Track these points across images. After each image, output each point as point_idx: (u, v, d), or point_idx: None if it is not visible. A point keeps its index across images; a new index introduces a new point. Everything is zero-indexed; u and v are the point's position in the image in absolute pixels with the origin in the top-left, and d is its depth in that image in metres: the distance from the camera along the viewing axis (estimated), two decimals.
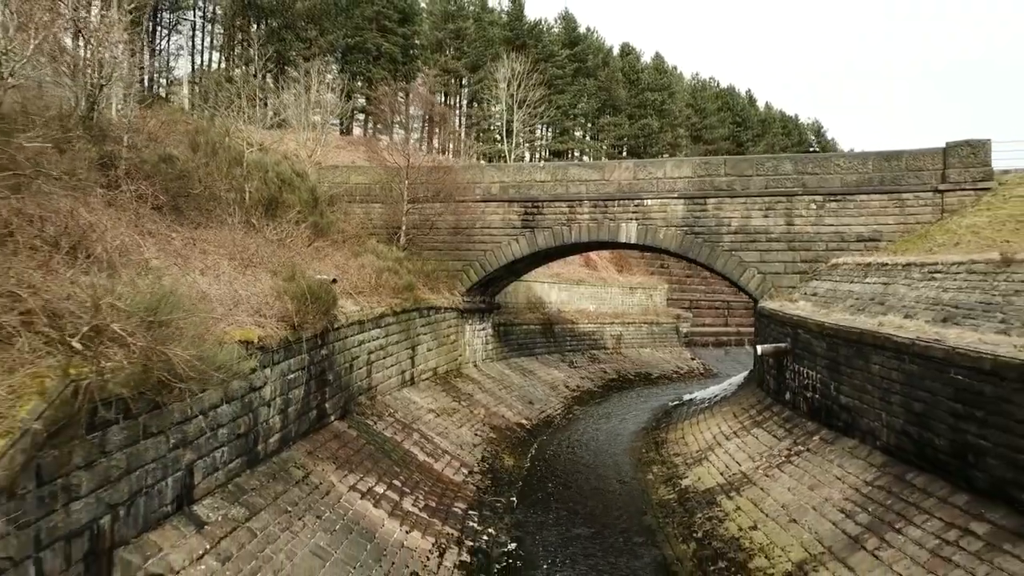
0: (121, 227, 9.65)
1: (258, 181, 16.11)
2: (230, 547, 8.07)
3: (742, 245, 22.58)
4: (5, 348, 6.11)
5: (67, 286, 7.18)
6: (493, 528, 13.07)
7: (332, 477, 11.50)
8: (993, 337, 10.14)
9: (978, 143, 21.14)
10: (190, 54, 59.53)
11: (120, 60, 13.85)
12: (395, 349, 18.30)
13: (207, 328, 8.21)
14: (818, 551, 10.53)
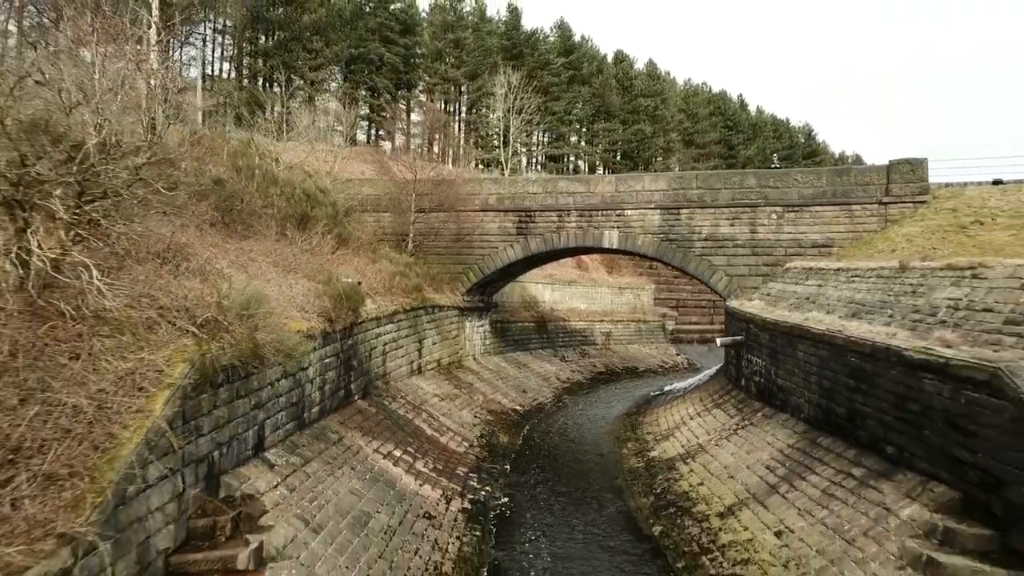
0: (201, 243, 12.47)
1: (289, 198, 18.90)
2: (293, 482, 10.90)
3: (711, 250, 25.41)
4: (153, 332, 8.93)
5: (183, 289, 10.02)
6: (489, 487, 15.90)
7: (360, 441, 14.32)
8: (880, 328, 12.98)
9: (916, 161, 24.00)
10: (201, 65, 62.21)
11: (179, 98, 16.64)
12: (405, 342, 21.13)
13: (276, 321, 11.04)
14: (744, 497, 13.37)
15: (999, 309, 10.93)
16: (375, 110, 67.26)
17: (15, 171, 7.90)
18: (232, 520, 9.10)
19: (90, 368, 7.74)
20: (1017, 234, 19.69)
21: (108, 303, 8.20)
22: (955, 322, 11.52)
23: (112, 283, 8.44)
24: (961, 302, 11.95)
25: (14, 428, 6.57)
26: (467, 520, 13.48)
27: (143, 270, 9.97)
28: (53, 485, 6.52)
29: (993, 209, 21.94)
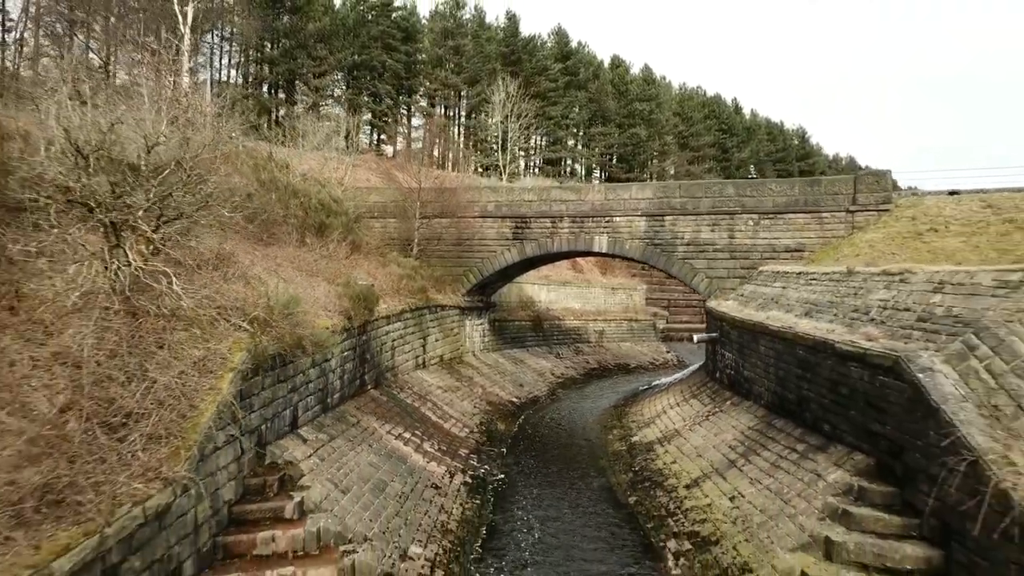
0: (241, 251, 14.54)
1: (307, 208, 20.95)
2: (323, 453, 12.97)
3: (693, 254, 27.48)
4: (214, 327, 10.99)
5: (232, 292, 12.08)
6: (488, 465, 17.98)
7: (374, 424, 16.39)
8: (824, 325, 15.06)
9: (880, 173, 26.09)
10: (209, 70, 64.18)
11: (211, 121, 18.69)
12: (411, 338, 23.20)
13: (308, 318, 13.12)
14: (708, 471, 15.45)
15: (914, 309, 13.03)
16: (377, 115, 69.31)
17: (111, 199, 9.97)
18: (279, 480, 11.17)
19: (173, 355, 9.82)
20: (967, 240, 21.77)
21: (184, 303, 10.28)
22: (881, 319, 13.61)
23: (186, 287, 10.52)
24: (889, 303, 14.05)
25: (126, 400, 8.64)
26: (468, 491, 15.56)
27: (202, 276, 12.05)
28: (155, 442, 8.58)
29: (947, 217, 24.01)
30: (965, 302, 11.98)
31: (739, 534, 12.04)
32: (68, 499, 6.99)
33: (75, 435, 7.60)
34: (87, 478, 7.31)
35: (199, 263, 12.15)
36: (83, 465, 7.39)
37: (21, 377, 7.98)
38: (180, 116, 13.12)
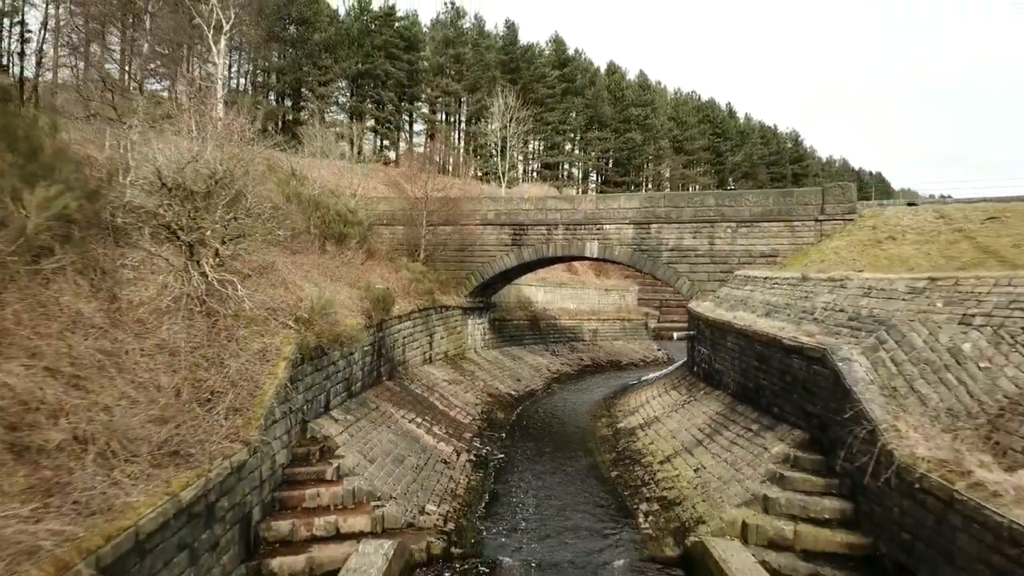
0: (278, 261, 17.03)
1: (326, 219, 23.41)
2: (351, 431, 15.45)
3: (677, 259, 29.96)
4: (267, 325, 13.46)
5: (277, 295, 14.56)
6: (489, 447, 20.47)
7: (391, 409, 18.88)
8: (778, 323, 17.56)
9: (846, 185, 28.60)
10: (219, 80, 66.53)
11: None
12: (419, 336, 25.68)
13: (340, 318, 15.61)
14: (679, 449, 17.95)
15: (847, 310, 15.54)
16: (380, 122, 71.76)
17: (189, 222, 12.46)
18: (319, 450, 13.67)
19: (240, 347, 12.30)
20: (920, 248, 24.29)
21: (246, 305, 12.77)
22: (822, 319, 16.12)
23: (246, 292, 13.00)
24: (830, 304, 16.56)
25: (211, 381, 11.12)
26: (473, 466, 18.04)
27: (254, 282, 14.53)
28: (234, 413, 11.06)
29: (904, 227, 26.51)
30: (883, 304, 14.51)
31: (698, 496, 14.54)
32: (182, 451, 9.47)
33: (182, 405, 10.09)
34: (193, 437, 9.80)
35: (251, 272, 14.63)
36: (189, 428, 9.87)
37: (134, 363, 10.46)
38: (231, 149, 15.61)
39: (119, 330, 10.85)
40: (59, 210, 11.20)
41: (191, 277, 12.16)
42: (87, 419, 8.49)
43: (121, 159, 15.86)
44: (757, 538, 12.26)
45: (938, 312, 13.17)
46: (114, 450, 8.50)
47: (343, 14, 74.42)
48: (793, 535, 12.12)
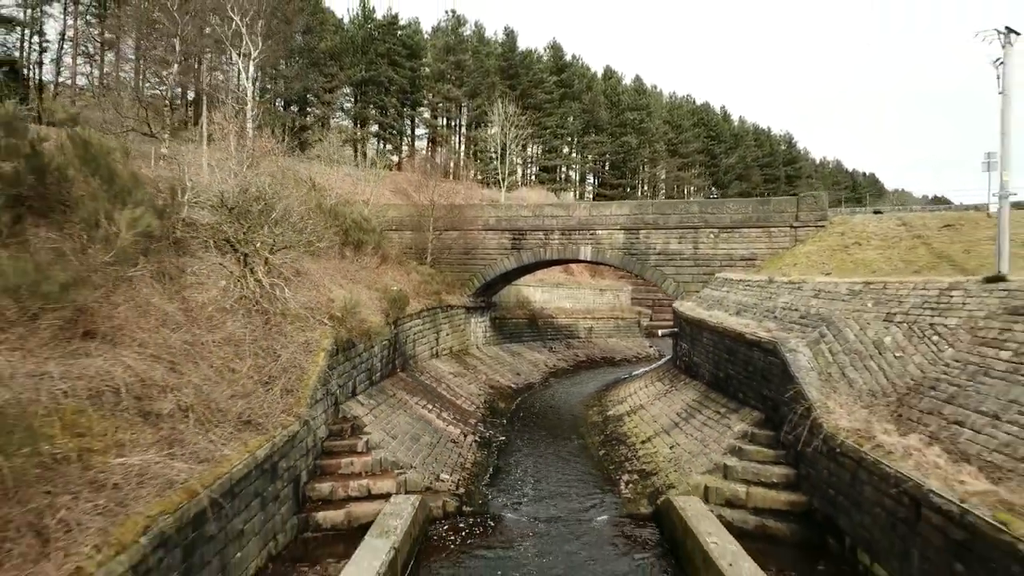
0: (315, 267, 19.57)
1: (344, 228, 25.90)
2: (374, 412, 17.99)
3: (663, 262, 32.49)
4: (307, 322, 15.99)
5: (313, 297, 17.10)
6: (492, 431, 23.01)
7: (405, 396, 21.41)
8: (744, 321, 20.10)
9: (819, 195, 31.14)
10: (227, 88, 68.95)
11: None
12: (427, 333, 28.20)
13: (365, 316, 18.15)
14: (659, 431, 20.49)
15: (800, 309, 18.10)
16: (384, 127, 74.23)
17: (244, 237, 14.98)
18: (350, 427, 16.21)
19: (288, 340, 14.83)
20: (882, 253, 26.86)
21: (291, 305, 15.31)
22: (780, 317, 18.68)
23: (290, 295, 15.53)
24: (788, 304, 19.11)
25: (268, 368, 13.65)
26: (478, 446, 20.59)
27: (294, 285, 17.06)
28: (287, 394, 13.59)
29: (869, 233, 29.07)
30: (828, 304, 17.07)
31: (671, 468, 17.10)
32: (254, 421, 12.01)
33: (251, 386, 12.64)
34: (260, 411, 12.34)
35: (291, 276, 17.16)
36: (257, 403, 12.42)
37: (210, 352, 12.99)
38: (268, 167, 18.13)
39: (195, 326, 13.38)
40: (143, 228, 13.74)
41: (248, 282, 14.68)
42: (185, 394, 11.04)
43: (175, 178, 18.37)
44: (716, 498, 14.82)
45: (868, 311, 15.74)
46: (207, 417, 11.05)
47: (347, 21, 77.01)
48: (746, 495, 14.68)
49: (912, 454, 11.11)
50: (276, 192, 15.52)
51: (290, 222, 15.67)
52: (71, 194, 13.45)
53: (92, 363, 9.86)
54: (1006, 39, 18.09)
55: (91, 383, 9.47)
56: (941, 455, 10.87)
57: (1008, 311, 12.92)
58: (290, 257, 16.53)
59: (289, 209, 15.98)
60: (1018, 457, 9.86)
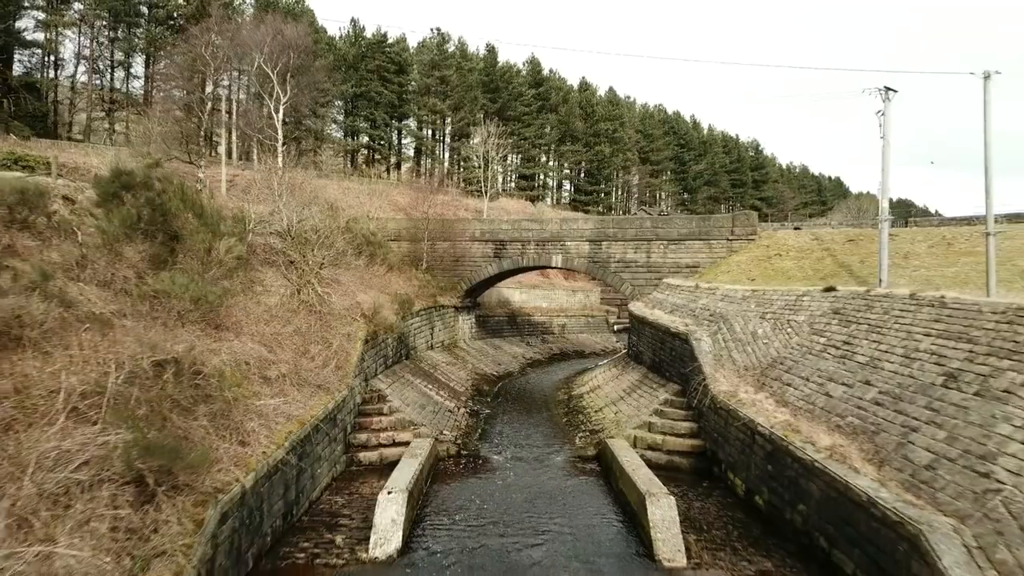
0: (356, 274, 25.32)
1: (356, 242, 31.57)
2: (392, 388, 23.82)
3: (622, 269, 38.57)
4: (343, 318, 21.76)
5: (347, 300, 22.88)
6: (479, 406, 28.89)
7: (411, 378, 27.23)
8: (674, 318, 26.18)
9: (750, 213, 37.44)
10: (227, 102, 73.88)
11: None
12: (424, 329, 33.98)
13: (386, 314, 23.99)
14: (608, 403, 26.52)
15: (711, 308, 24.22)
16: (373, 139, 79.64)
17: (301, 255, 20.72)
18: (377, 396, 22.02)
19: (335, 333, 20.59)
20: (797, 262, 33.13)
21: (335, 307, 21.08)
22: (697, 315, 24.79)
23: (336, 300, 21.30)
24: (704, 305, 25.23)
25: (322, 352, 19.41)
26: (469, 415, 26.48)
27: (332, 291, 22.81)
28: (338, 369, 19.36)
29: (789, 246, 35.39)
30: (727, 305, 23.21)
31: (613, 426, 23.13)
32: (323, 386, 17.78)
33: (318, 363, 18.42)
34: (327, 381, 18.11)
35: (332, 283, 22.92)
36: (324, 375, 18.19)
37: (287, 340, 18.72)
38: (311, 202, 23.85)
39: (275, 322, 19.11)
40: (236, 253, 19.44)
41: (307, 291, 20.43)
42: (281, 367, 16.81)
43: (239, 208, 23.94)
44: (642, 444, 20.84)
45: (752, 311, 21.90)
46: (296, 382, 16.83)
47: (337, 37, 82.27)
48: (662, 442, 20.72)
49: (756, 404, 17.23)
50: (324, 223, 21.26)
51: (333, 245, 21.41)
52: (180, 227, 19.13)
53: (231, 345, 15.62)
54: (885, 95, 24.40)
55: (235, 357, 15.22)
56: (772, 403, 16.99)
57: (832, 312, 19.11)
58: (329, 270, 22.26)
59: (333, 236, 21.74)
60: (810, 402, 16.00)
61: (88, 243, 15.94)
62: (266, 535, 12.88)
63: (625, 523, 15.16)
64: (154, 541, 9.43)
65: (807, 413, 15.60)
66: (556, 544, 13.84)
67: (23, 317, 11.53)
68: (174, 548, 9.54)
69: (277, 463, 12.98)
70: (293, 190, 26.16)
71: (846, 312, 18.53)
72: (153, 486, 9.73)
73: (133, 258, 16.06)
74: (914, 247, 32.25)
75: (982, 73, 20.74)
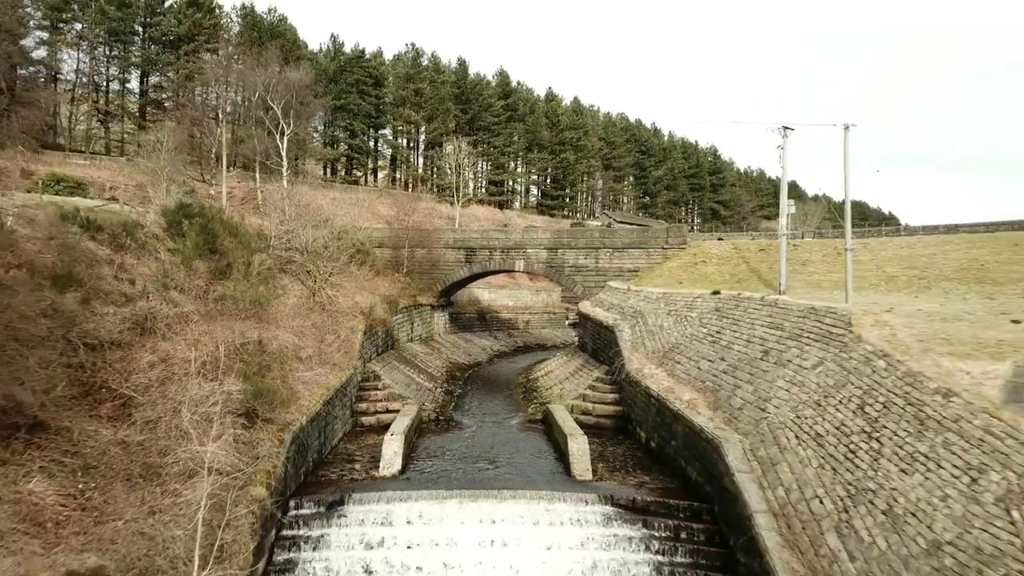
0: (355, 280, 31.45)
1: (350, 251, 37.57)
2: (383, 370, 30.04)
3: (575, 272, 45.11)
4: (346, 315, 27.92)
5: (347, 299, 29.05)
6: (453, 387, 35.21)
7: (396, 363, 33.44)
8: (608, 315, 32.79)
9: (681, 227, 44.39)
10: None
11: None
12: (406, 324, 40.15)
13: (380, 311, 30.22)
14: (556, 382, 33.05)
15: (635, 307, 30.89)
16: (352, 148, 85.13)
17: (315, 267, 26.83)
18: (372, 375, 28.23)
19: (341, 326, 26.74)
20: (718, 268, 40.04)
21: (341, 306, 27.24)
22: (624, 312, 31.43)
23: (342, 300, 27.44)
24: (631, 305, 31.89)
25: (332, 340, 25.54)
26: (444, 393, 32.79)
27: (337, 292, 28.92)
28: (345, 354, 25.52)
29: (712, 254, 42.31)
30: (646, 304, 29.90)
31: (557, 398, 29.64)
32: (337, 365, 23.96)
33: (329, 349, 24.58)
34: (337, 361, 24.28)
35: (335, 287, 29.01)
36: (337, 358, 24.36)
37: (308, 331, 24.83)
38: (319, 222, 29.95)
39: (297, 318, 25.21)
40: (267, 266, 25.49)
41: (320, 294, 26.54)
42: (308, 350, 22.96)
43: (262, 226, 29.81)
44: (577, 411, 27.31)
45: (661, 309, 28.59)
46: (319, 361, 23.00)
47: (316, 50, 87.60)
48: (593, 408, 27.27)
49: (654, 376, 23.86)
50: (332, 243, 27.33)
51: (339, 258, 27.50)
52: (222, 246, 25.09)
53: (276, 334, 21.74)
54: (783, 132, 31.19)
55: (279, 343, 21.35)
56: (664, 375, 23.64)
57: (715, 309, 25.84)
58: (335, 277, 28.36)
59: (339, 252, 27.83)
60: (687, 374, 22.66)
61: (167, 260, 21.91)
62: (309, 463, 19.10)
63: (556, 458, 21.67)
64: (258, 449, 15.66)
65: (684, 381, 22.26)
66: (507, 468, 20.29)
67: (155, 314, 17.59)
68: (268, 454, 15.78)
69: (316, 412, 19.21)
70: (302, 212, 32.14)
71: (723, 310, 25.26)
72: (256, 417, 15.93)
73: (201, 270, 22.07)
74: (811, 256, 39.48)
75: (843, 124, 27.59)
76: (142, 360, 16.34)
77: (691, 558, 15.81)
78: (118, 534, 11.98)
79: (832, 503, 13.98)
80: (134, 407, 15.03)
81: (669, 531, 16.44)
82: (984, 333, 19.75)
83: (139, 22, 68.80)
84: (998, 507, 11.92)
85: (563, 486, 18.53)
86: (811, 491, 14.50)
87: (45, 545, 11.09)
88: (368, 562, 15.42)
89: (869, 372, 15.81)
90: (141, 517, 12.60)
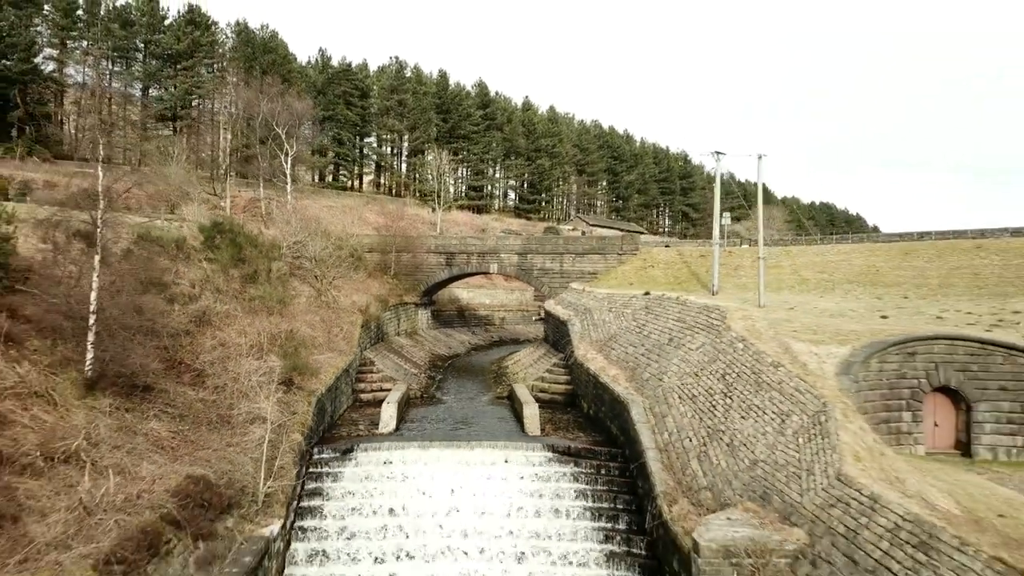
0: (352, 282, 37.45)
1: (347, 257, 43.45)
2: (376, 357, 36.09)
3: (542, 275, 51.32)
4: (347, 311, 33.93)
5: (348, 299, 35.09)
6: (435, 374, 41.32)
7: (386, 352, 39.48)
8: (564, 311, 39.10)
9: (636, 235, 50.79)
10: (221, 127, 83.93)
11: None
12: (393, 320, 46.15)
13: (375, 309, 36.27)
14: (522, 368, 39.29)
15: (587, 306, 37.24)
16: (339, 156, 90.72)
17: (322, 272, 32.81)
18: (368, 361, 34.27)
19: (343, 321, 32.74)
20: (664, 272, 46.59)
21: (343, 304, 33.25)
22: (577, 308, 37.75)
23: (343, 299, 33.45)
24: (583, 303, 38.21)
25: (336, 331, 31.54)
26: (427, 378, 38.89)
27: (338, 292, 34.91)
28: (347, 342, 31.54)
29: (659, 259, 48.86)
30: (594, 303, 36.26)
31: (521, 380, 35.85)
32: (342, 351, 30.01)
33: (335, 338, 30.61)
34: (342, 348, 30.32)
35: (337, 288, 34.98)
36: (342, 346, 30.38)
37: (318, 324, 30.82)
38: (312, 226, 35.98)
39: (308, 314, 31.17)
40: (282, 272, 31.45)
41: (325, 295, 32.51)
42: (319, 339, 29.00)
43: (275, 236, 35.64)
44: (536, 389, 33.53)
45: (605, 306, 34.93)
46: (328, 347, 29.04)
47: (305, 63, 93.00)
48: (549, 387, 33.52)
49: (595, 360, 30.18)
50: (335, 253, 33.24)
51: (342, 265, 33.46)
52: (246, 255, 30.99)
53: (297, 326, 27.73)
54: (716, 157, 37.68)
55: (299, 332, 27.33)
56: (602, 359, 29.97)
57: (645, 307, 32.20)
58: (339, 278, 34.32)
59: (341, 259, 33.77)
60: (618, 356, 29.01)
61: (207, 268, 27.79)
62: (325, 423, 25.14)
63: (515, 421, 27.91)
64: (294, 407, 21.73)
65: (615, 362, 28.59)
66: (476, 428, 26.50)
67: (210, 310, 23.53)
68: (302, 411, 21.84)
69: (331, 384, 25.26)
70: (306, 224, 38.04)
71: (651, 307, 31.64)
72: (292, 385, 21.97)
73: (235, 276, 28.00)
74: (743, 261, 46.14)
75: (757, 155, 34.05)
76: (206, 344, 22.31)
77: (606, 486, 22.08)
78: (210, 457, 17.98)
79: (697, 440, 20.36)
80: (205, 376, 21.01)
81: (592, 468, 22.70)
82: (848, 325, 26.38)
83: (141, 39, 73.80)
84: (793, 438, 18.31)
85: (518, 439, 24.75)
86: (685, 434, 20.87)
87: (169, 459, 17.06)
88: (372, 488, 21.52)
89: (731, 351, 22.24)
90: (222, 448, 18.61)
